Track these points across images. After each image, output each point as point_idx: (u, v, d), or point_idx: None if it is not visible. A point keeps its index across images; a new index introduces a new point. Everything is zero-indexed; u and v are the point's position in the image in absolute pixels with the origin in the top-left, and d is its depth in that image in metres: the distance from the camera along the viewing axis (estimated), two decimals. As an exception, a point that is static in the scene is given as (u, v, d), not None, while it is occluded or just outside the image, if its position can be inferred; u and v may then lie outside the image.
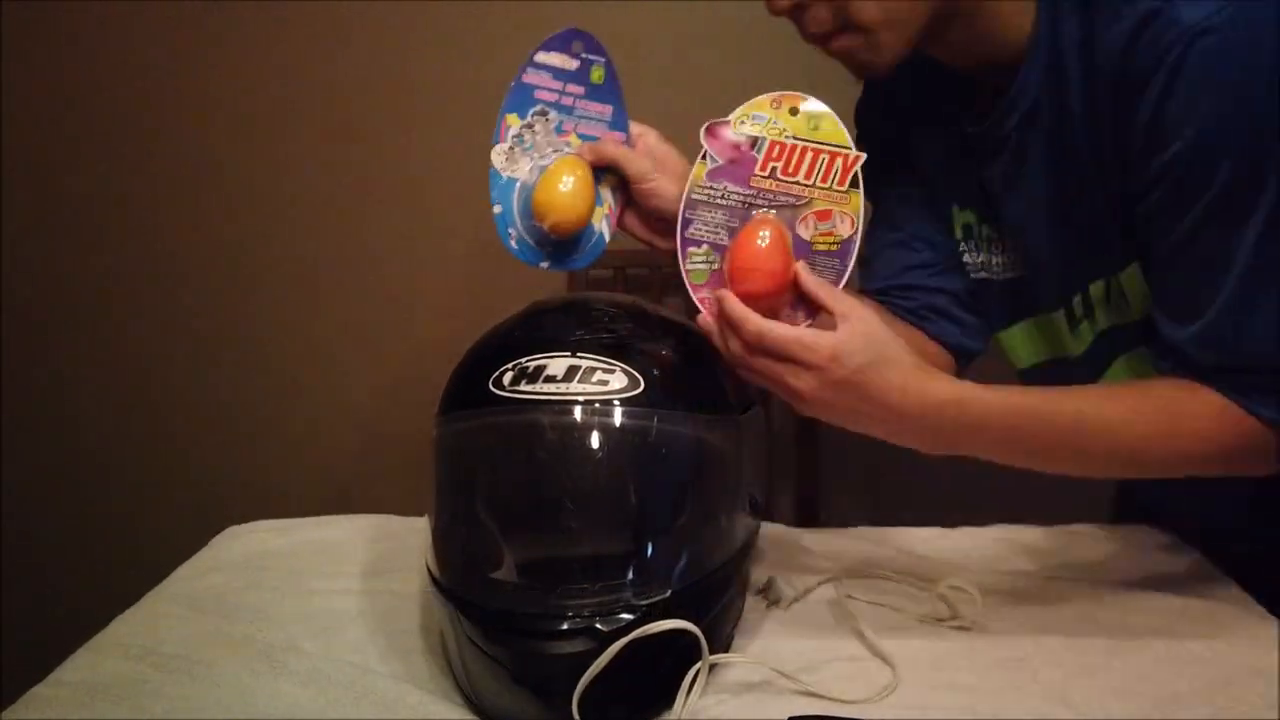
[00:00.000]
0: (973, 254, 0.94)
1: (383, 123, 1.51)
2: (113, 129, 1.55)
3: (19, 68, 1.54)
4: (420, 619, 0.82)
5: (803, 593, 0.83)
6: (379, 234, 1.54)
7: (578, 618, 0.65)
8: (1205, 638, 0.76)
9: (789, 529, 0.96)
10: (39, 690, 0.73)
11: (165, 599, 0.87)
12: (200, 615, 0.84)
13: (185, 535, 1.00)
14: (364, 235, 1.55)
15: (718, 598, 0.72)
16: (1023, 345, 0.94)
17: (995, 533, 0.96)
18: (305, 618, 0.82)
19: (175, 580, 0.91)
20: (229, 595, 0.87)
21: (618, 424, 0.68)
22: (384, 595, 0.86)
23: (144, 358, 1.62)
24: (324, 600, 0.86)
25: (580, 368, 0.69)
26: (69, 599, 1.66)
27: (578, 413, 0.68)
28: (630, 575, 0.67)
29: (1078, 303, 0.86)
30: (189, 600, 0.87)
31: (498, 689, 0.67)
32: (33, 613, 1.65)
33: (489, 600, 0.68)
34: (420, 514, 0.76)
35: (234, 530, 1.02)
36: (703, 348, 0.74)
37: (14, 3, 1.51)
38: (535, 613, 0.66)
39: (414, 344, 1.56)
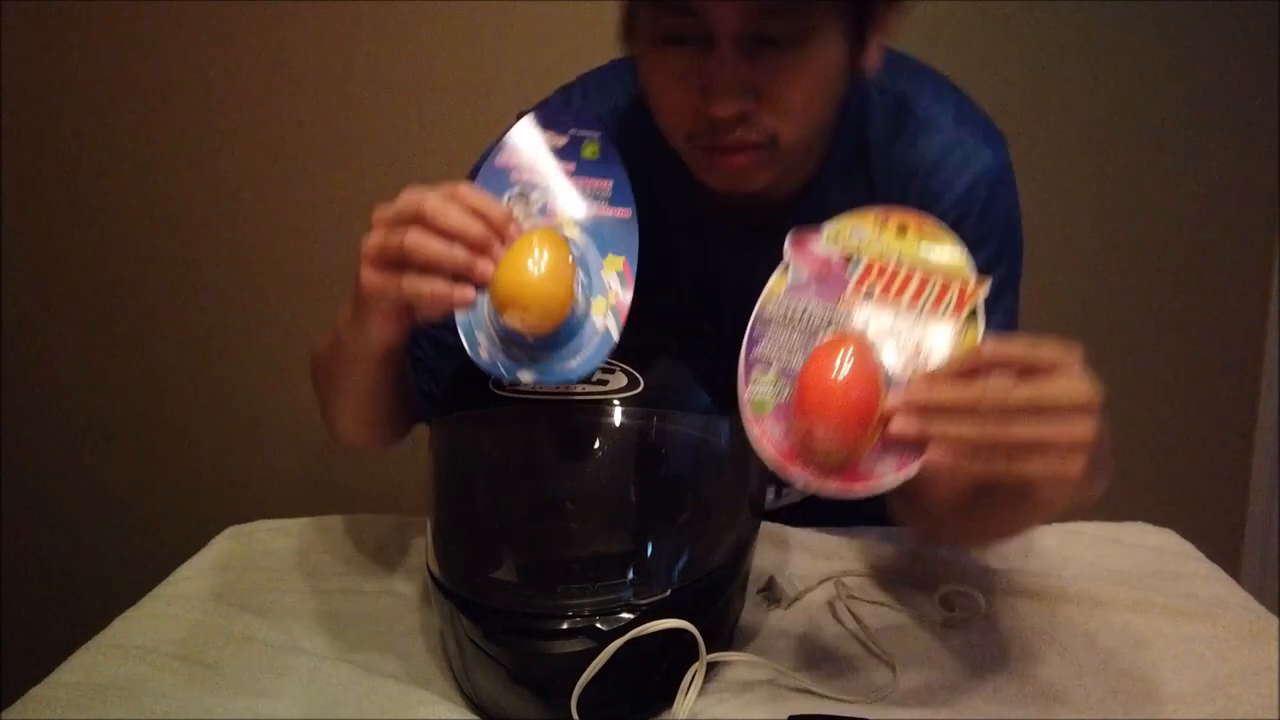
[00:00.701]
0: None
1: (383, 123, 1.51)
2: (112, 129, 1.55)
3: (19, 68, 1.54)
4: (420, 619, 0.82)
5: (802, 592, 0.83)
6: (379, 234, 1.54)
7: (578, 617, 0.65)
8: (1206, 638, 0.76)
9: (789, 528, 0.96)
10: (39, 690, 0.73)
11: (165, 599, 0.87)
12: (201, 615, 0.84)
13: (185, 535, 1.00)
14: (364, 235, 1.54)
15: (717, 597, 0.72)
16: None
17: (995, 532, 0.96)
18: (306, 618, 0.82)
19: (175, 580, 0.91)
20: (229, 595, 0.87)
21: (617, 424, 0.68)
22: (384, 595, 0.86)
23: (144, 357, 1.62)
24: (324, 600, 0.86)
25: (580, 368, 0.69)
26: (69, 599, 1.67)
27: (578, 412, 0.68)
28: (630, 575, 0.67)
29: None
30: (189, 600, 0.87)
31: (498, 688, 0.67)
32: (33, 613, 1.66)
33: (489, 600, 0.68)
34: (421, 514, 0.76)
35: (234, 530, 1.02)
36: (702, 349, 0.74)
37: (14, 3, 1.52)
38: (535, 612, 0.66)
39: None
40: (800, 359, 0.60)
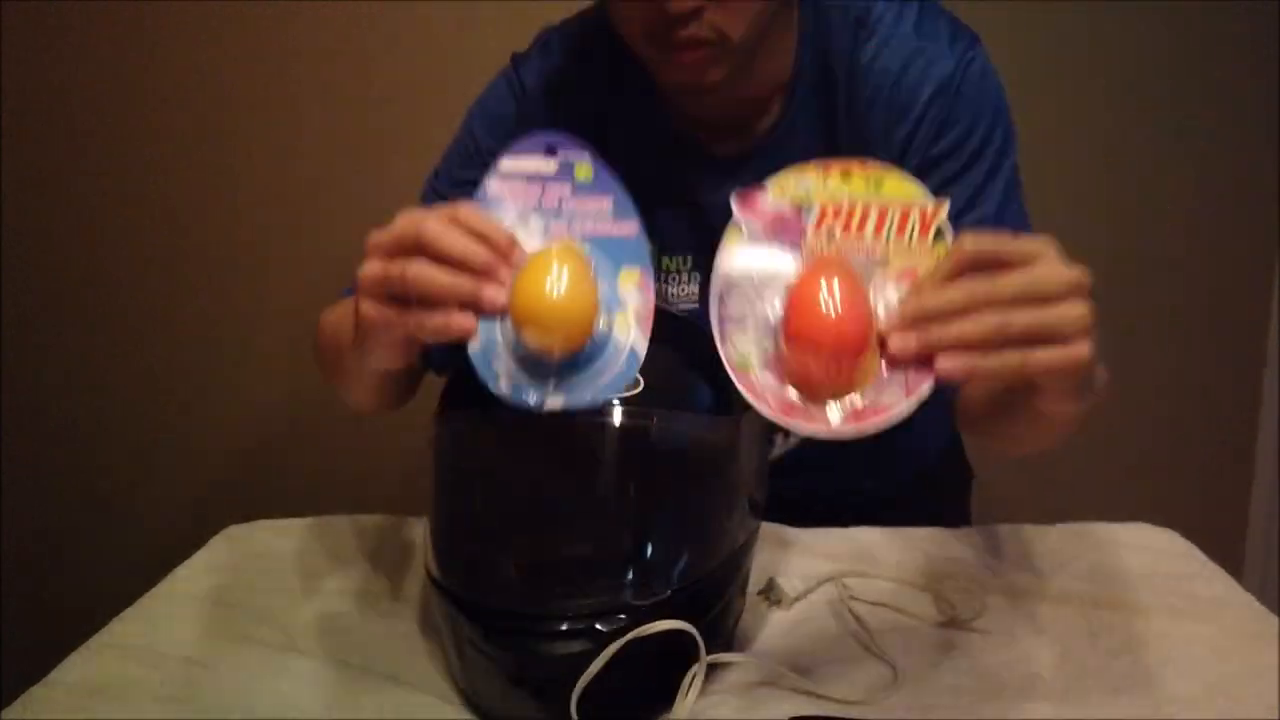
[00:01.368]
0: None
1: (383, 123, 1.51)
2: (112, 128, 1.55)
3: (19, 68, 1.54)
4: (419, 619, 0.82)
5: (803, 593, 0.83)
6: (379, 234, 1.54)
7: (577, 618, 0.65)
8: (1206, 638, 0.76)
9: (789, 529, 0.96)
10: (37, 690, 0.74)
11: (164, 599, 0.88)
12: (199, 616, 0.84)
13: (184, 535, 1.00)
14: (364, 235, 1.54)
15: (717, 598, 0.72)
16: None
17: (996, 532, 0.96)
18: (304, 618, 0.82)
19: (174, 580, 0.91)
20: (228, 595, 0.87)
21: (617, 424, 0.68)
22: (383, 596, 0.86)
23: (144, 357, 1.62)
24: (323, 601, 0.86)
25: (580, 367, 0.69)
26: (69, 599, 1.67)
27: (577, 412, 0.68)
28: (629, 576, 0.67)
29: None
30: (188, 600, 0.87)
31: (497, 689, 0.67)
32: (32, 613, 1.66)
33: (488, 601, 0.67)
34: (420, 514, 0.76)
35: (233, 530, 1.02)
36: (702, 346, 0.74)
37: (14, 3, 1.52)
38: (534, 613, 0.66)
39: (414, 344, 1.56)
40: (774, 309, 0.59)
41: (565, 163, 0.65)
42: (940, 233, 0.59)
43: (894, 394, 0.56)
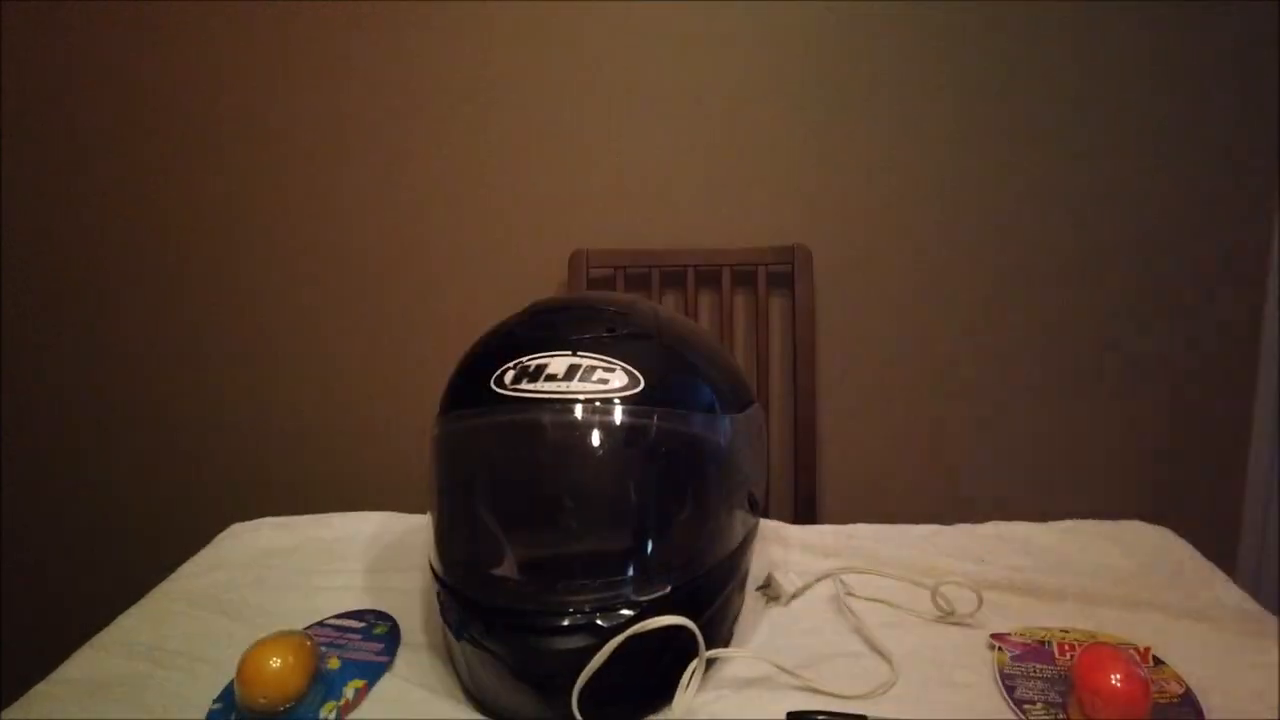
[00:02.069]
0: None
1: (382, 123, 1.51)
2: (113, 128, 1.55)
3: (19, 68, 1.54)
4: (422, 616, 0.82)
5: (802, 589, 0.83)
6: (379, 234, 1.54)
7: (578, 614, 0.65)
8: (1203, 636, 0.76)
9: (788, 525, 0.97)
10: (42, 687, 0.74)
11: (169, 596, 0.88)
12: (204, 612, 0.84)
13: (189, 533, 1.01)
14: (365, 236, 1.55)
15: (717, 594, 0.72)
16: None
17: (993, 530, 0.97)
18: (308, 614, 0.83)
19: (179, 578, 0.92)
20: (232, 592, 0.88)
21: (618, 422, 0.69)
22: (386, 592, 0.87)
23: (147, 356, 1.62)
24: (327, 597, 0.86)
25: (580, 366, 0.70)
26: (72, 597, 1.67)
27: (578, 411, 0.68)
28: (630, 572, 0.67)
29: None
30: (193, 597, 0.87)
31: (499, 685, 0.68)
32: (34, 611, 1.66)
33: (490, 597, 0.68)
34: (422, 511, 0.77)
35: (237, 528, 1.03)
36: (703, 346, 0.74)
37: (14, 3, 1.52)
38: (536, 609, 0.66)
39: (415, 343, 1.56)
40: (1054, 693, 0.69)
41: (370, 621, 0.81)
42: (1157, 659, 0.73)
43: None
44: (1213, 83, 1.45)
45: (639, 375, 0.69)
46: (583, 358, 0.70)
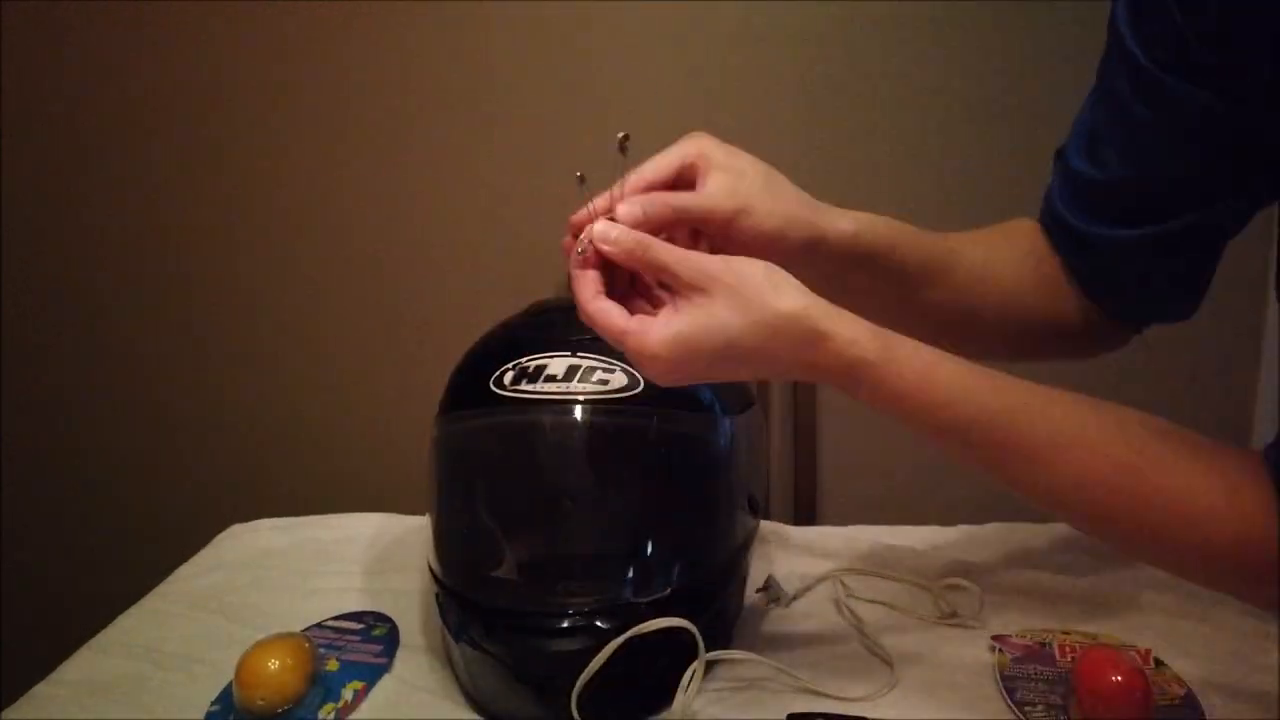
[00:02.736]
0: None
1: (383, 124, 1.51)
2: (113, 128, 1.55)
3: (19, 68, 1.54)
4: (421, 617, 0.82)
5: (802, 591, 0.83)
6: (379, 234, 1.54)
7: (578, 615, 0.65)
8: (1204, 637, 0.76)
9: (788, 527, 0.97)
10: (41, 689, 0.74)
11: (167, 598, 0.88)
12: (202, 614, 0.84)
13: (187, 534, 1.01)
14: (364, 235, 1.55)
15: (717, 596, 0.72)
16: None
17: (993, 531, 0.97)
18: (307, 616, 0.83)
19: (177, 579, 0.92)
20: (231, 594, 0.88)
21: (617, 423, 0.69)
22: (385, 594, 0.87)
23: (146, 356, 1.62)
24: (326, 599, 0.86)
25: (580, 367, 0.70)
26: (71, 598, 1.67)
27: (578, 412, 0.68)
28: (630, 573, 0.67)
29: None
30: (191, 599, 0.87)
31: (498, 687, 0.68)
32: (34, 612, 1.66)
33: (490, 598, 0.68)
34: (422, 513, 0.77)
35: (236, 529, 1.03)
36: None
37: (14, 3, 1.52)
38: (536, 611, 0.66)
39: (415, 343, 1.56)
40: (1055, 694, 0.69)
41: (369, 622, 0.81)
42: (1159, 661, 0.72)
43: None
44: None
45: (639, 376, 0.69)
46: (582, 358, 0.70)
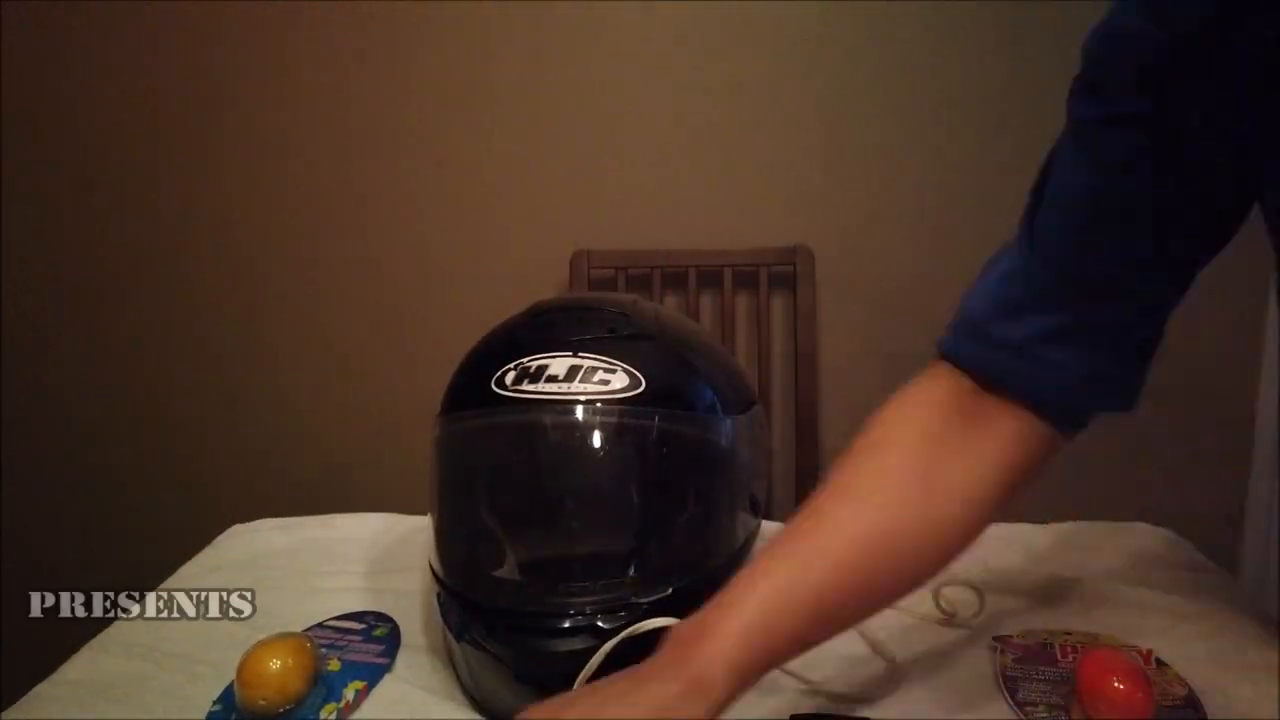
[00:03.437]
0: None
1: (384, 125, 1.51)
2: (114, 128, 1.55)
3: (19, 68, 1.54)
4: (422, 617, 0.82)
5: (803, 591, 0.83)
6: (380, 235, 1.54)
7: (579, 615, 0.65)
8: (1205, 637, 0.76)
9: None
10: (42, 689, 0.74)
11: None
12: (204, 613, 0.84)
13: (189, 533, 1.01)
14: (366, 236, 1.55)
15: (718, 596, 0.72)
16: None
17: (994, 531, 0.96)
18: (308, 616, 0.83)
19: (179, 579, 0.92)
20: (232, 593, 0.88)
21: (619, 423, 0.69)
22: (386, 593, 0.87)
23: (147, 357, 1.62)
24: (327, 598, 0.86)
25: (582, 367, 0.70)
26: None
27: (579, 412, 0.68)
28: (631, 573, 0.67)
29: None
30: (193, 598, 0.87)
31: (499, 686, 0.68)
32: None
33: (491, 598, 0.68)
34: (423, 513, 0.77)
35: (237, 529, 1.03)
36: (704, 347, 0.74)
37: (14, 3, 1.52)
38: (537, 610, 0.66)
39: (416, 343, 1.56)
40: (1056, 695, 0.69)
41: (370, 623, 0.81)
42: (1161, 661, 0.72)
43: None
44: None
45: (640, 376, 0.69)
46: (584, 359, 0.70)
